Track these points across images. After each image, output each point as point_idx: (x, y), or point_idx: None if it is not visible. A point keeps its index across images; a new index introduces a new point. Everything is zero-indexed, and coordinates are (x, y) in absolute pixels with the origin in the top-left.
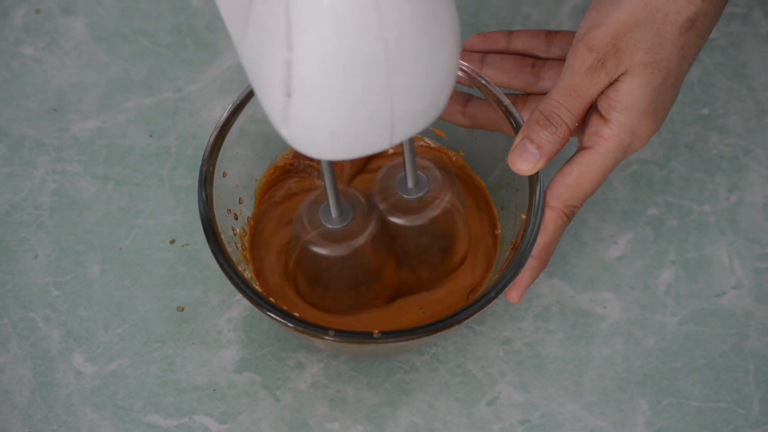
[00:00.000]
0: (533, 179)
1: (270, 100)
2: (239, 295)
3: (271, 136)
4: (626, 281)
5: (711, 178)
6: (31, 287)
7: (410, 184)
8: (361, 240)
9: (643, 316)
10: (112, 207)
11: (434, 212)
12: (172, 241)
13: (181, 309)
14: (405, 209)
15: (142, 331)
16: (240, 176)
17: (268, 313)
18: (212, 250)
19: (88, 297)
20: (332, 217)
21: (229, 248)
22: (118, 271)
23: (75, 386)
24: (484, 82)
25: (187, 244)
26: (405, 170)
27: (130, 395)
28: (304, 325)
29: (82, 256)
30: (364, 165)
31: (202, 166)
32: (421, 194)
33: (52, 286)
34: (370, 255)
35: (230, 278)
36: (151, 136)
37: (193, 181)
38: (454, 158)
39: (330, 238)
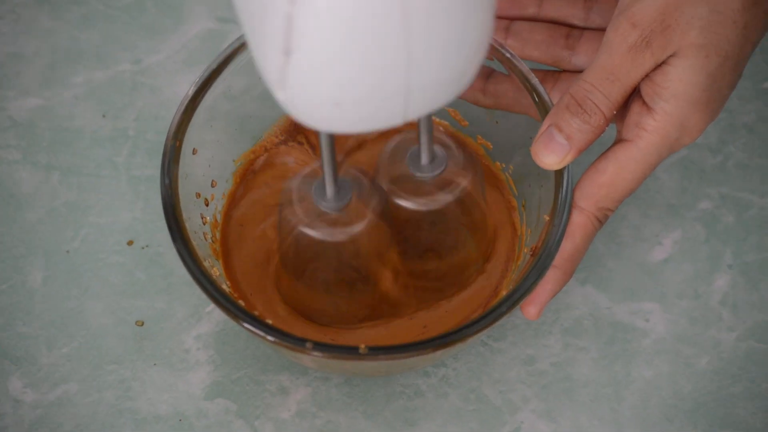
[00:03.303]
0: (560, 175)
1: (265, 59)
2: (210, 307)
3: (250, 117)
4: (673, 289)
5: None
6: None
7: (424, 159)
8: (360, 225)
9: (693, 330)
10: (58, 202)
11: (450, 196)
12: (130, 243)
13: (140, 323)
14: (415, 190)
15: (93, 350)
16: (214, 155)
17: (239, 320)
18: (176, 246)
19: (29, 310)
20: (327, 196)
21: (196, 240)
22: (64, 278)
23: (12, 417)
24: (508, 55)
25: (147, 246)
26: (419, 143)
27: (78, 427)
28: (281, 336)
29: (21, 260)
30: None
31: (167, 141)
32: (436, 173)
33: None
34: (370, 242)
35: (194, 277)
36: (104, 116)
37: (154, 171)
38: (470, 145)
39: (324, 220)
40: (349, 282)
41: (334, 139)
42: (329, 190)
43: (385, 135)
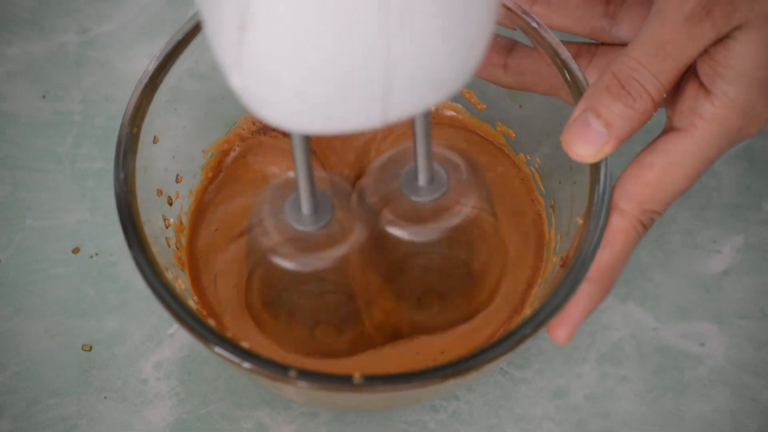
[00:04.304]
0: (596, 169)
1: (218, 34)
2: (173, 327)
3: (222, 98)
4: (734, 307)
5: None
6: None
7: (422, 180)
8: (342, 250)
9: (759, 357)
10: None
11: (454, 222)
12: (76, 250)
13: (88, 348)
14: (411, 216)
15: (30, 381)
16: (179, 144)
17: (208, 343)
18: (132, 253)
19: None
20: (303, 214)
21: (157, 247)
22: None
23: None
24: (534, 24)
25: (97, 254)
26: (415, 159)
27: None
28: (260, 362)
29: None
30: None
31: (122, 128)
32: (436, 196)
33: None
34: (354, 274)
35: (155, 291)
36: (44, 97)
37: (106, 163)
38: (488, 133)
39: (298, 244)
40: (332, 317)
41: (309, 142)
42: (305, 206)
43: (377, 145)
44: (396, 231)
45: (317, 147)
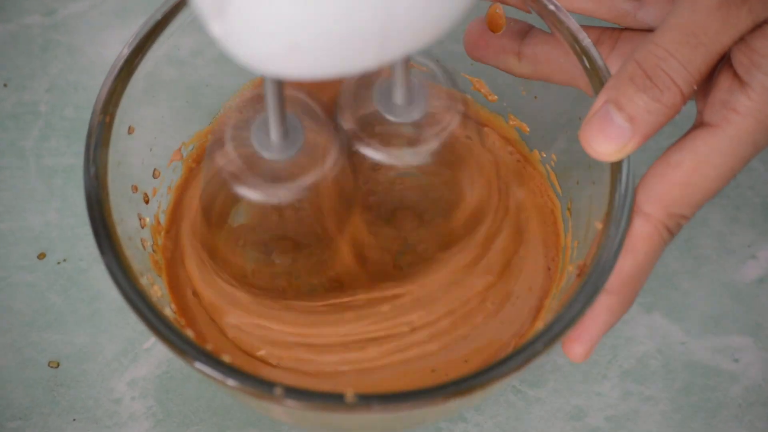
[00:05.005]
0: (618, 168)
1: None
2: (150, 341)
3: (205, 85)
4: None
5: None
6: None
7: (399, 98)
8: (314, 178)
9: None
10: None
11: (435, 144)
12: (42, 256)
13: (54, 365)
14: (389, 137)
15: None
16: (156, 136)
17: (188, 358)
18: (104, 258)
19: None
20: (271, 141)
21: (131, 250)
22: None
23: None
24: (551, 7)
25: (65, 260)
26: (393, 76)
27: None
28: (245, 379)
29: None
30: None
31: (93, 117)
32: (415, 116)
33: None
34: (324, 203)
35: (129, 300)
36: (5, 86)
37: (75, 158)
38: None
39: (265, 174)
40: (292, 250)
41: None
42: (274, 132)
43: None
44: (371, 152)
45: None
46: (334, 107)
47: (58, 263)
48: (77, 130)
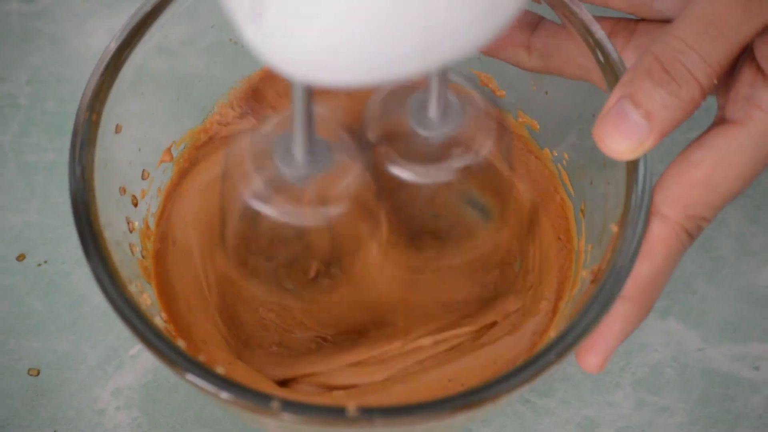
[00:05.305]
0: (634, 168)
1: None
2: (136, 348)
3: (197, 80)
4: None
5: None
6: None
7: (433, 111)
8: (342, 199)
9: None
10: None
11: (468, 161)
12: (21, 258)
13: (34, 373)
14: (419, 153)
15: None
16: (146, 133)
17: (178, 369)
18: (89, 263)
19: None
20: (295, 159)
21: (119, 255)
22: None
23: None
24: None
25: (46, 262)
26: (429, 88)
27: None
28: (239, 391)
29: None
30: None
31: (78, 114)
32: (449, 130)
33: None
34: (355, 225)
35: (115, 307)
36: None
37: (58, 155)
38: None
39: (289, 193)
40: (313, 277)
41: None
42: (300, 149)
43: None
44: (399, 170)
45: None
46: (358, 125)
47: (39, 265)
48: (60, 124)
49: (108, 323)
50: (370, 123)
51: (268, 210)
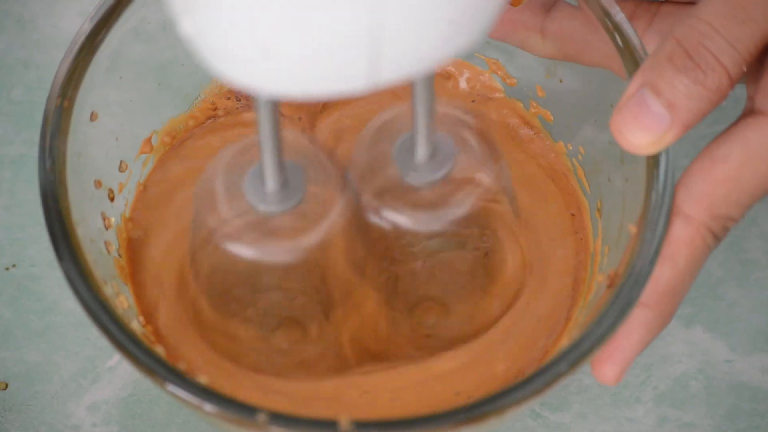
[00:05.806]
0: (654, 163)
1: None
2: (113, 359)
3: (180, 64)
4: None
5: None
6: None
7: (421, 154)
8: (317, 236)
9: None
10: None
11: (462, 209)
12: None
13: (2, 386)
14: (408, 201)
15: None
16: (123, 122)
17: (158, 379)
18: (61, 265)
19: None
20: (266, 191)
21: (93, 254)
22: None
23: None
24: None
25: (14, 266)
26: (414, 129)
27: None
28: (224, 403)
29: None
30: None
31: (49, 101)
32: (440, 173)
33: None
34: (336, 269)
35: (89, 312)
36: None
37: (26, 147)
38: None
39: (260, 229)
40: (299, 325)
41: (278, 105)
42: (270, 180)
43: (366, 106)
44: (385, 218)
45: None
46: (346, 159)
47: (6, 269)
48: (28, 114)
49: (83, 331)
50: (355, 161)
51: (238, 247)
